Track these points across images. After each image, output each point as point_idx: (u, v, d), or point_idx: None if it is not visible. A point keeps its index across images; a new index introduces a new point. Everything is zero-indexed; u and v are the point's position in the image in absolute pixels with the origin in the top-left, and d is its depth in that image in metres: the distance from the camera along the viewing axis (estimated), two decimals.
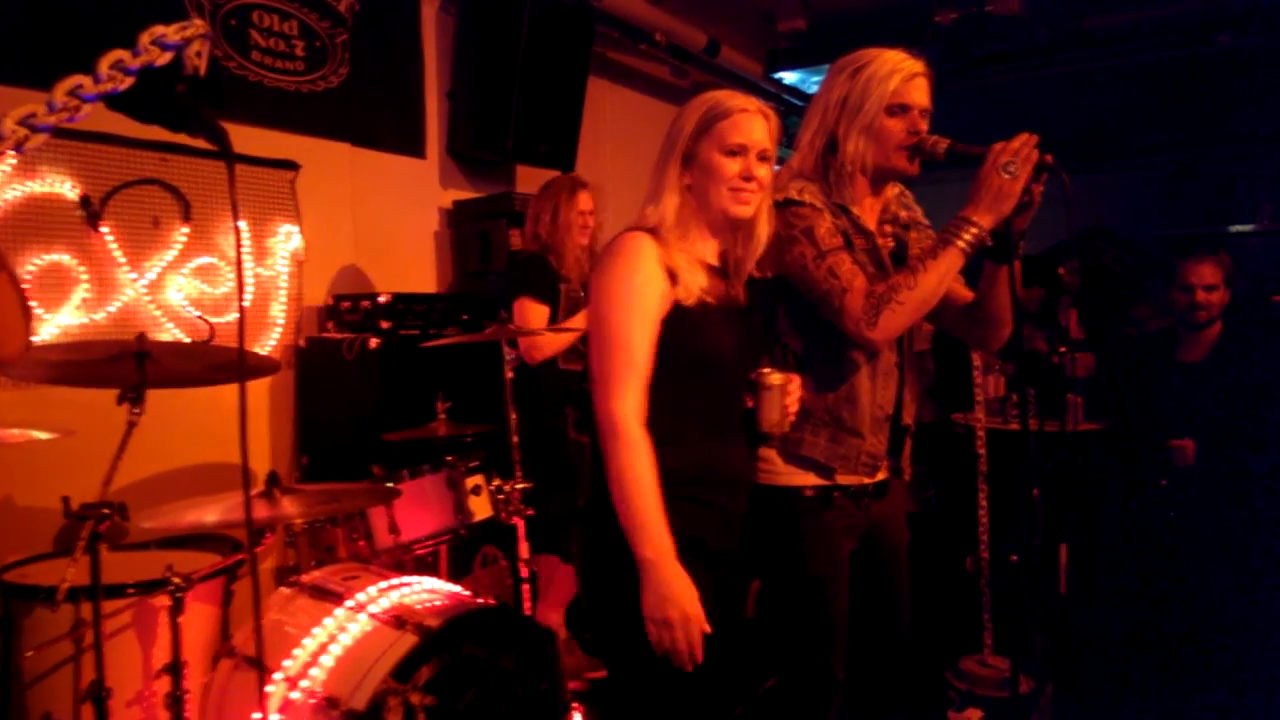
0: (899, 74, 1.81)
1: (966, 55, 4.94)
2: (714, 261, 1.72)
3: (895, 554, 1.96)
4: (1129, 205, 6.45)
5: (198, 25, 0.93)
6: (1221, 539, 3.17)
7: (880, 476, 1.91)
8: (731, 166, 1.65)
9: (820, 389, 1.84)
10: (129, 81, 0.87)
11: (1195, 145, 6.63)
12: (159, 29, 0.89)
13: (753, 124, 1.67)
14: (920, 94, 1.84)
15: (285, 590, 2.13)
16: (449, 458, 2.41)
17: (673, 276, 1.60)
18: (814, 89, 6.06)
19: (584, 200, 3.20)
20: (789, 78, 5.56)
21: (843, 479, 1.84)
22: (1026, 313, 3.56)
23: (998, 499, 3.17)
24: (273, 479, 1.92)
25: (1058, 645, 3.27)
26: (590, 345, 1.61)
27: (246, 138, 3.09)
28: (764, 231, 1.73)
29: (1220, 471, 3.15)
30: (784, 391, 1.72)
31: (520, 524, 2.50)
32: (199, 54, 0.93)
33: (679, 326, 1.60)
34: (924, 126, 1.83)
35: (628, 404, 1.52)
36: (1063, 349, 3.29)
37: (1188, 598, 3.19)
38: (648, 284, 1.59)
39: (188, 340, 2.88)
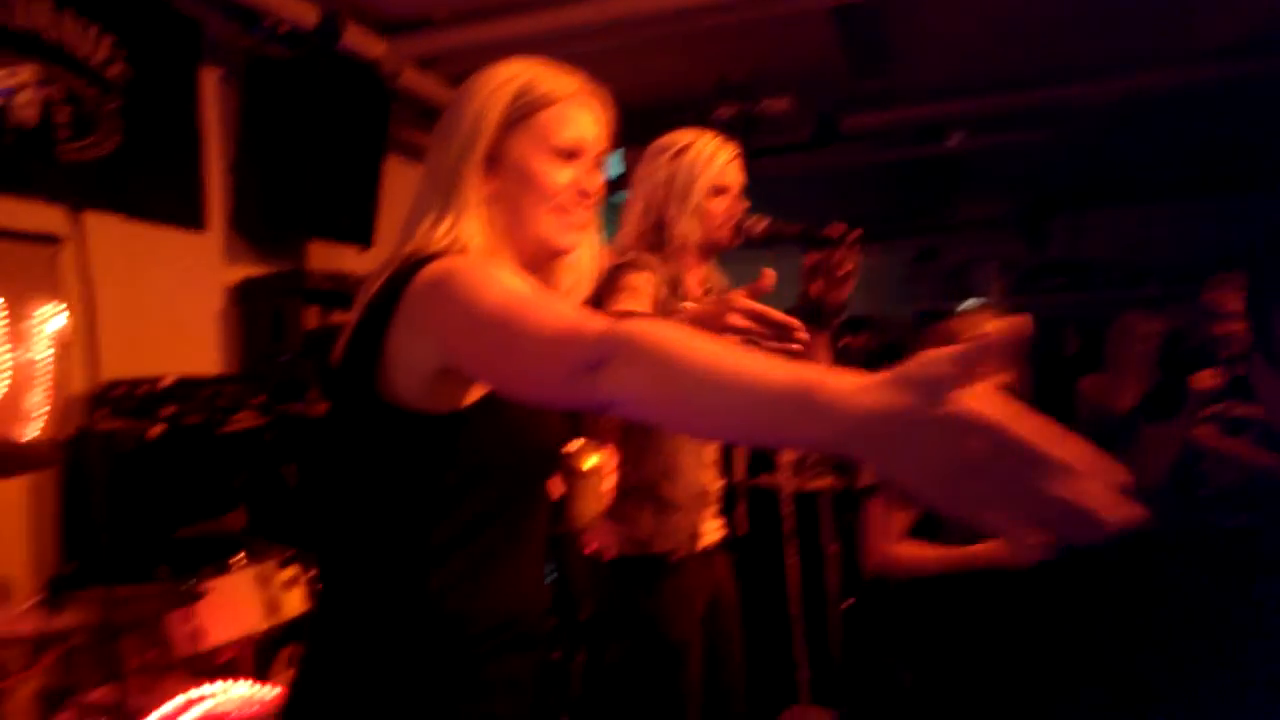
0: (719, 157, 1.95)
1: (742, 147, 5.35)
2: None
3: (732, 613, 2.02)
4: (879, 285, 7.15)
5: (27, 71, 0.84)
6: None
7: (718, 537, 1.97)
8: (560, 176, 1.20)
9: (640, 463, 1.88)
10: None
11: (934, 231, 7.47)
12: None
13: (587, 115, 1.23)
14: (737, 174, 1.98)
15: (67, 715, 1.86)
16: (260, 549, 2.23)
17: None
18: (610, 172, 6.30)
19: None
20: None
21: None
22: None
23: (806, 555, 3.34)
24: (59, 583, 1.69)
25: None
26: (484, 349, 0.99)
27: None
28: (589, 265, 1.31)
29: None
30: (599, 476, 1.48)
31: None
32: (29, 103, 0.84)
33: (488, 420, 1.11)
34: (742, 204, 1.97)
35: (597, 319, 0.88)
36: None
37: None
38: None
39: None
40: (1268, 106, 4.74)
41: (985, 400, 0.60)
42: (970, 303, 7.38)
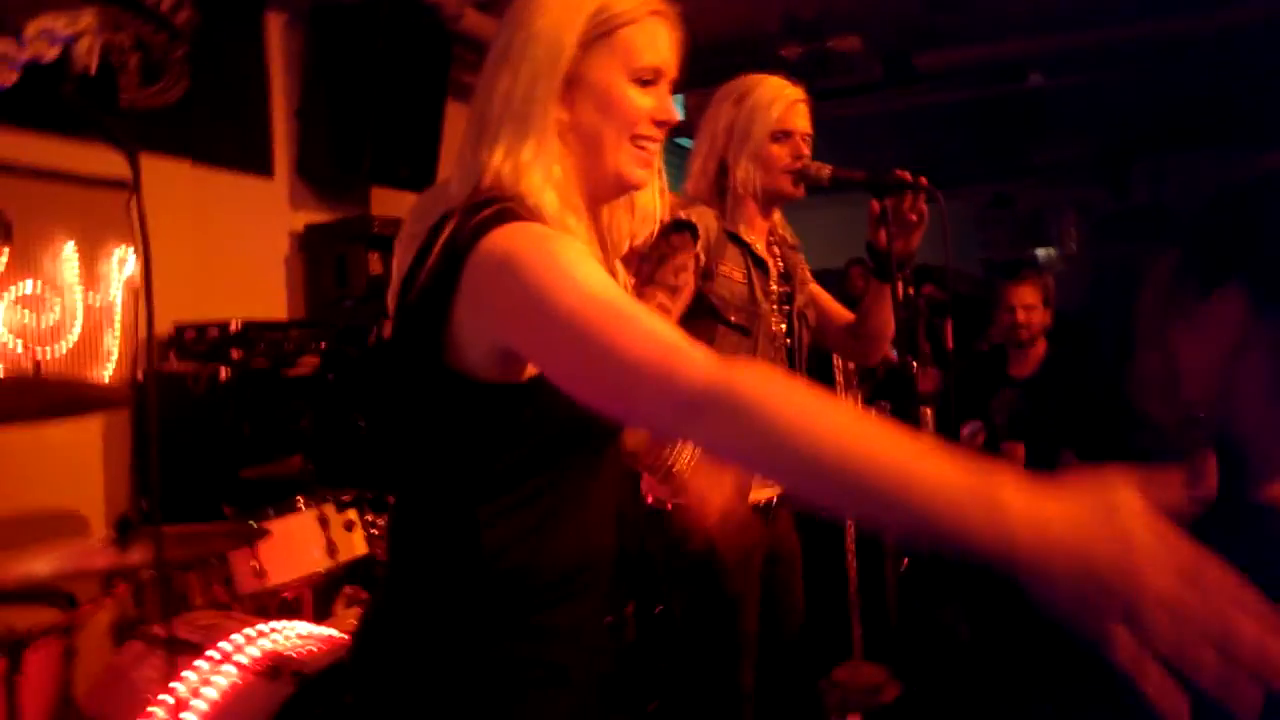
0: (780, 101, 1.89)
1: (809, 88, 5.21)
2: (595, 251, 1.13)
3: (793, 567, 2.01)
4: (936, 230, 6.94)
5: (88, 18, 0.84)
6: None
7: (777, 492, 1.95)
8: (641, 102, 1.09)
9: None
10: (12, 78, 0.77)
11: (1009, 176, 7.20)
12: (47, 20, 0.80)
13: (665, 35, 1.12)
14: (801, 120, 1.91)
15: (135, 645, 1.94)
16: (321, 492, 2.28)
17: None
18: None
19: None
20: None
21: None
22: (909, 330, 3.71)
23: None
24: (126, 523, 1.75)
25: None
26: (560, 356, 0.95)
27: (74, 154, 2.84)
28: (653, 203, 1.21)
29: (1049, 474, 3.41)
30: None
31: None
32: (89, 51, 0.84)
33: (556, 392, 0.98)
34: (807, 151, 1.90)
35: (699, 358, 0.83)
36: (914, 363, 3.48)
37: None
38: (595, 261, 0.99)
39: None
40: None
41: (1170, 538, 0.57)
42: (1044, 253, 7.13)
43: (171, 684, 1.78)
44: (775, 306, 1.93)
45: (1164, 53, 4.80)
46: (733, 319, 1.86)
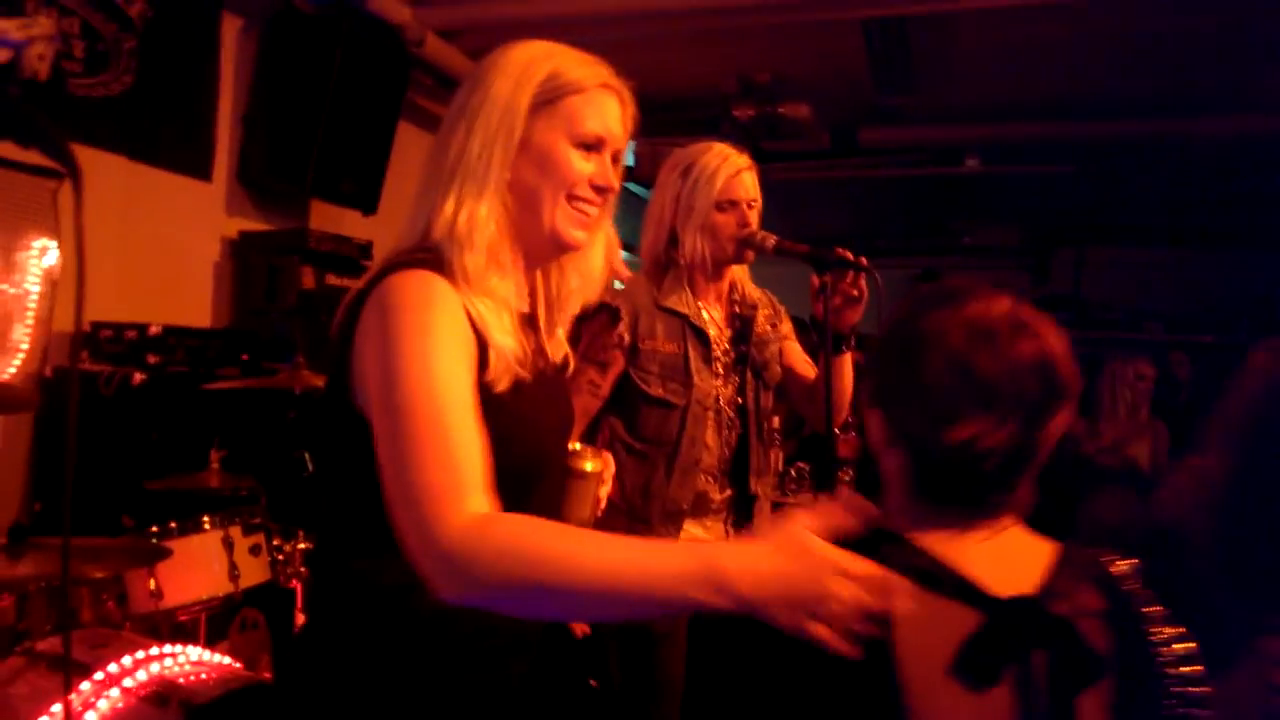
0: (724, 170, 1.94)
1: (756, 149, 5.32)
2: (523, 306, 1.19)
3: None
4: (872, 302, 7.12)
5: (43, 24, 0.82)
6: None
7: None
8: (581, 167, 1.14)
9: (623, 476, 1.88)
10: None
11: (937, 253, 7.45)
12: (1, 23, 0.78)
13: (613, 107, 1.18)
14: (745, 188, 1.96)
15: (15, 660, 1.84)
16: (225, 512, 2.20)
17: (480, 341, 1.05)
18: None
19: None
20: None
21: None
22: None
23: None
24: (19, 531, 1.67)
25: None
26: (384, 440, 0.97)
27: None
28: (599, 265, 1.26)
29: None
30: (599, 480, 1.40)
31: (299, 588, 2.32)
32: (41, 57, 0.81)
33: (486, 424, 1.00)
34: (752, 218, 1.95)
35: (470, 505, 0.91)
36: (837, 429, 3.55)
37: None
38: (462, 343, 1.02)
39: None
40: None
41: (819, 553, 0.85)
42: None
43: (52, 706, 1.70)
44: (723, 372, 1.97)
45: (1095, 151, 5.06)
46: (657, 393, 1.92)
